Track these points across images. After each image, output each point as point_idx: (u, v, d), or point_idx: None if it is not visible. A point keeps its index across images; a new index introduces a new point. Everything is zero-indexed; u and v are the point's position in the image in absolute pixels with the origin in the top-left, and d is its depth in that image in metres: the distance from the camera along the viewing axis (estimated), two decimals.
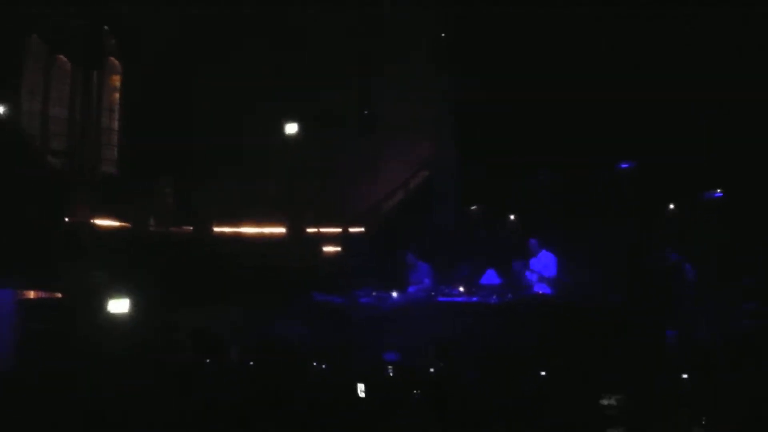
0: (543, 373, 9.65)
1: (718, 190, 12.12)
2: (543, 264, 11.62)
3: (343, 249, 13.73)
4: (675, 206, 12.22)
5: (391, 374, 9.78)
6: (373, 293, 11.57)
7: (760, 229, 11.63)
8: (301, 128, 13.96)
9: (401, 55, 14.27)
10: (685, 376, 9.40)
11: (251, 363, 10.40)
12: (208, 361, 10.34)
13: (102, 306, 11.86)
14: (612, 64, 12.37)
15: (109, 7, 14.52)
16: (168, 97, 13.98)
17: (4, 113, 13.66)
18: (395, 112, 14.14)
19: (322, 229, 14.00)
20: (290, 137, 13.93)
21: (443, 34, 14.13)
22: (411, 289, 11.67)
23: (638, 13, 12.24)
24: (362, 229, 14.09)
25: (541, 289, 11.46)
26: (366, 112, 13.91)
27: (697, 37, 12.08)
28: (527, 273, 11.63)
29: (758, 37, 11.73)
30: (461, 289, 11.43)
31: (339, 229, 14.08)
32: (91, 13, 14.52)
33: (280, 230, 13.83)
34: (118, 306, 11.99)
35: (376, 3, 14.30)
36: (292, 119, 13.96)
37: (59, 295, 12.67)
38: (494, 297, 11.08)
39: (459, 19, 13.90)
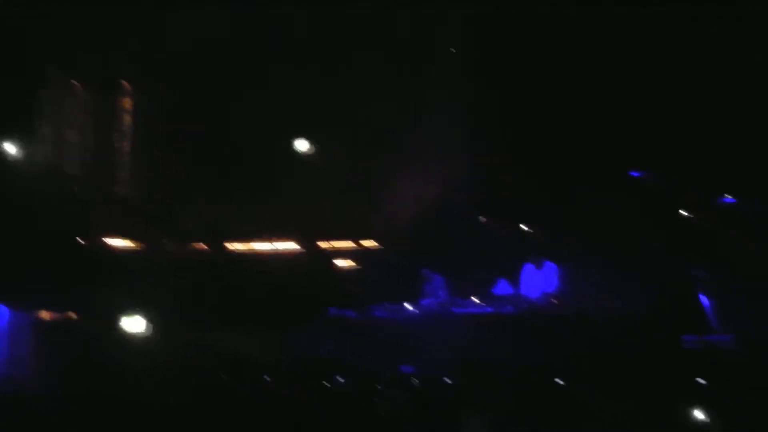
0: (561, 382, 9.67)
1: (730, 196, 12.10)
2: (545, 277, 11.65)
3: (357, 264, 13.74)
4: (688, 212, 12.21)
5: (408, 387, 9.82)
6: (389, 307, 11.59)
7: None
8: (315, 142, 14.01)
9: (417, 68, 14.31)
10: (703, 381, 9.40)
11: (268, 378, 10.45)
12: (225, 377, 10.40)
13: (117, 326, 11.93)
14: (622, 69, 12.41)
15: (121, 30, 14.65)
16: (179, 115, 14.06)
17: (18, 138, 13.79)
18: (410, 126, 14.16)
19: (336, 244, 14.03)
20: (304, 152, 13.99)
21: (452, 50, 14.18)
22: (425, 302, 11.68)
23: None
24: (376, 244, 14.10)
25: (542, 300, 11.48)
26: (383, 125, 13.95)
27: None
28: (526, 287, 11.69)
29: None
30: (475, 300, 11.44)
31: (353, 244, 14.09)
32: (104, 37, 14.65)
33: (294, 246, 13.86)
34: (134, 326, 12.06)
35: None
36: (306, 134, 14.03)
37: (74, 316, 12.74)
38: (508, 307, 11.09)
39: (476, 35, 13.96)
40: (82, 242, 13.33)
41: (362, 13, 13.73)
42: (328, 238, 14.01)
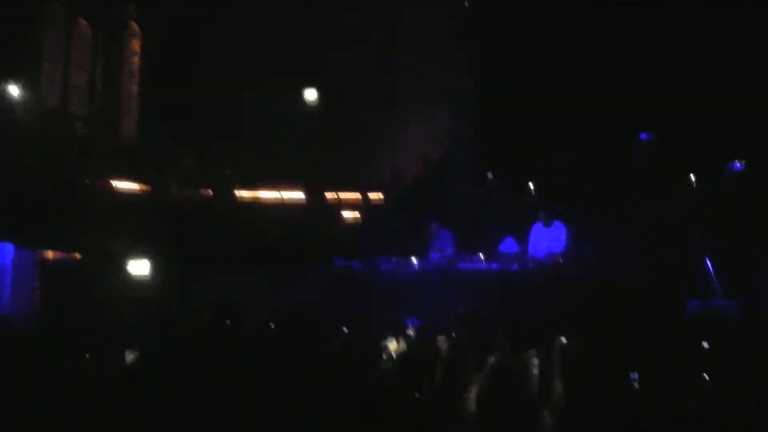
0: (564, 340, 9.66)
1: (740, 162, 12.03)
2: (552, 236, 11.61)
3: (362, 215, 13.72)
4: (696, 178, 12.14)
5: (412, 339, 9.81)
6: (393, 260, 11.55)
7: None
8: (322, 95, 13.94)
9: (422, 25, 14.22)
10: (705, 344, 9.41)
11: (272, 327, 10.43)
12: (228, 323, 10.38)
13: (121, 268, 11.93)
14: (635, 35, 12.31)
15: None
16: (187, 61, 13.99)
17: (26, 81, 13.70)
18: (415, 82, 14.10)
19: (342, 195, 14.00)
20: (311, 104, 13.91)
21: (467, 3, 14.06)
22: (434, 256, 11.64)
23: None
24: (382, 196, 14.08)
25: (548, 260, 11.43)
26: (388, 84, 13.88)
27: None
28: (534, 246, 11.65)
29: None
30: (481, 256, 11.39)
31: (358, 196, 14.07)
32: None
33: (300, 196, 13.83)
34: (139, 268, 12.07)
35: None
36: (313, 86, 13.95)
37: (78, 256, 12.74)
38: (515, 265, 11.05)
39: None
40: (87, 183, 13.30)
41: None
42: (334, 189, 14.00)
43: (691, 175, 12.03)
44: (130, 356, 8.56)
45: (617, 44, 12.46)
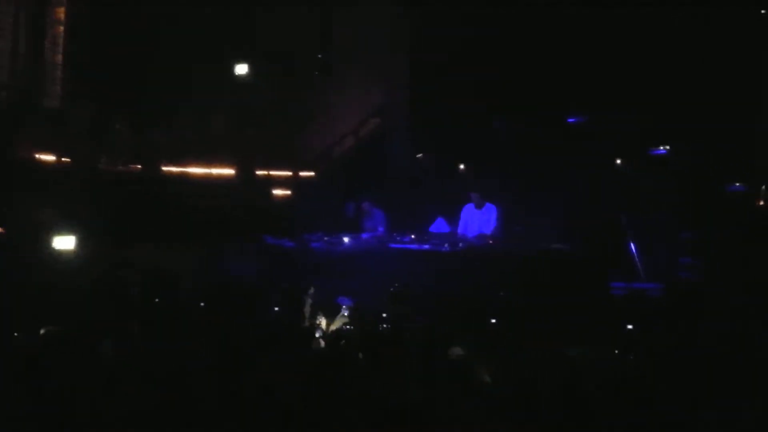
0: (493, 321, 9.85)
1: (664, 148, 12.35)
2: (483, 217, 11.78)
3: (293, 193, 13.68)
4: (622, 162, 12.43)
5: (345, 317, 9.91)
6: (325, 238, 11.59)
7: (700, 187, 11.96)
8: (253, 68, 13.75)
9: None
10: (629, 326, 9.68)
11: (202, 304, 10.38)
12: (157, 300, 10.30)
13: (46, 243, 11.68)
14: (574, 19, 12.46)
15: None
16: (114, 31, 13.67)
17: None
18: (349, 55, 14.02)
19: (272, 172, 13.92)
20: (241, 77, 13.71)
21: None
22: (365, 236, 11.71)
23: None
24: (312, 174, 14.05)
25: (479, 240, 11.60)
26: (320, 56, 13.75)
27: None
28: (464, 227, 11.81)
29: None
30: (412, 236, 11.51)
31: (289, 173, 14.01)
32: None
33: (230, 172, 13.71)
34: (64, 243, 11.83)
35: None
36: (243, 59, 13.74)
37: (0, 230, 12.42)
38: (446, 245, 11.19)
39: None
40: (10, 155, 12.95)
41: None
42: (264, 166, 13.91)
43: (618, 159, 12.33)
44: (49, 334, 8.40)
45: (559, 19, 12.61)
